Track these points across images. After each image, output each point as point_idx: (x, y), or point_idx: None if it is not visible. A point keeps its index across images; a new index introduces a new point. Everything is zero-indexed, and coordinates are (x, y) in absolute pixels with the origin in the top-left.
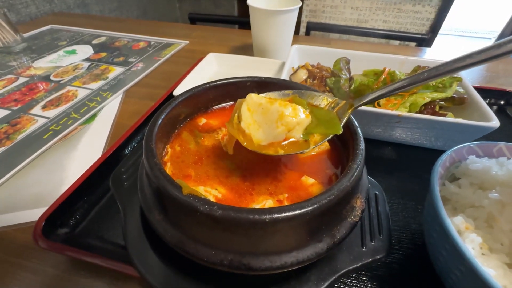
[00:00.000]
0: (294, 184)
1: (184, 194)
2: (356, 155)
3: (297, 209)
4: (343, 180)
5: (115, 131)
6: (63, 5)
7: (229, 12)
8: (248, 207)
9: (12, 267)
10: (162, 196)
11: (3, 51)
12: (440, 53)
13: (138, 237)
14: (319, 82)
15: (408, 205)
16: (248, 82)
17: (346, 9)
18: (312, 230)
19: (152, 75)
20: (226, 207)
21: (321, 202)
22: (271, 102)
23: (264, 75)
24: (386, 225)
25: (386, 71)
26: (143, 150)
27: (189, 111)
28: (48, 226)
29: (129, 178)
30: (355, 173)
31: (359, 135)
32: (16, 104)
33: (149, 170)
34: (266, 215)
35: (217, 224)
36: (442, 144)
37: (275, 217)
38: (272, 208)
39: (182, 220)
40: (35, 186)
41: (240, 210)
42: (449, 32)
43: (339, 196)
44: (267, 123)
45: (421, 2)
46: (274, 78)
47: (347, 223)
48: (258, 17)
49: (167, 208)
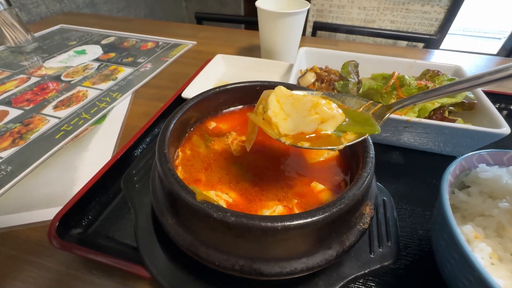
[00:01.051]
0: (303, 190)
1: (198, 200)
2: (366, 163)
3: (309, 217)
4: (353, 188)
5: (125, 132)
6: (72, 5)
7: (236, 11)
8: (258, 212)
9: (26, 264)
10: (176, 201)
11: (15, 51)
12: (449, 56)
13: (150, 239)
14: (327, 85)
15: (415, 211)
16: (257, 86)
17: (353, 9)
18: (322, 237)
19: (160, 76)
20: (239, 214)
21: (332, 210)
22: (303, 95)
23: (272, 77)
24: (394, 232)
25: (395, 75)
26: (156, 155)
27: (199, 115)
28: (62, 226)
29: (140, 180)
30: (365, 181)
31: (369, 141)
32: (28, 104)
33: (163, 175)
34: (278, 223)
35: (229, 230)
36: (451, 150)
37: (286, 224)
38: (283, 215)
39: (195, 225)
40: (47, 186)
41: (252, 217)
42: (457, 31)
43: (350, 204)
44: (297, 112)
45: (430, 2)
46: (284, 83)
47: (356, 230)
48: (266, 19)
49: (180, 213)
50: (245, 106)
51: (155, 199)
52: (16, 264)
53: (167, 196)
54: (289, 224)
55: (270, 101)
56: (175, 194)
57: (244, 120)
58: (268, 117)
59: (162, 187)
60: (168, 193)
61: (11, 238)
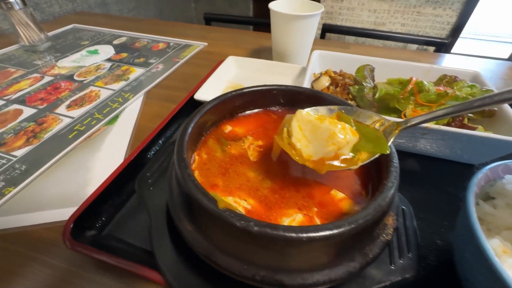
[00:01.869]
0: (323, 198)
1: (219, 208)
2: (390, 172)
3: (334, 229)
4: (378, 199)
5: (137, 133)
6: (84, 5)
7: (244, 12)
8: (278, 220)
9: (38, 264)
10: (195, 207)
11: (29, 50)
12: (461, 60)
13: (164, 243)
14: (342, 90)
15: (433, 220)
16: (274, 90)
17: (363, 12)
18: (345, 249)
19: (172, 76)
20: (262, 224)
21: (358, 222)
22: (320, 120)
23: (284, 80)
24: (414, 242)
25: (413, 81)
26: (175, 160)
27: (215, 118)
28: (76, 228)
29: (155, 182)
30: (391, 191)
31: (392, 149)
32: (42, 103)
33: (182, 181)
34: (303, 234)
35: (252, 240)
36: (469, 158)
37: (312, 236)
38: (308, 226)
39: (215, 233)
40: (61, 185)
41: (276, 227)
42: (468, 35)
43: (375, 215)
44: (317, 140)
45: (442, 5)
46: (300, 87)
47: (380, 242)
48: (279, 21)
49: (200, 220)
50: (261, 110)
51: (171, 204)
52: (28, 263)
53: (185, 202)
54: (314, 235)
55: (293, 127)
56: (195, 200)
57: (260, 124)
58: (293, 144)
59: (180, 192)
60: (187, 199)
61: (25, 238)
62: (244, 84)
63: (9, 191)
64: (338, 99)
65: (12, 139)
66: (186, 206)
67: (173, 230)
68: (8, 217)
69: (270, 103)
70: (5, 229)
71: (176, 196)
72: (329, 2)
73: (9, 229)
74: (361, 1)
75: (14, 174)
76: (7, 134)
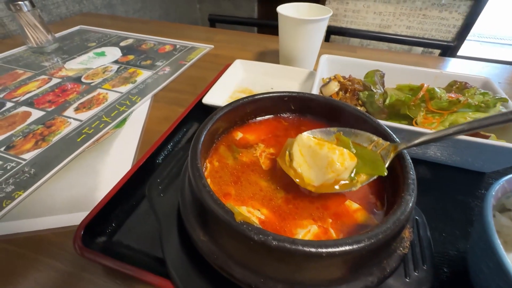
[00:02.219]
0: (338, 209)
1: (237, 221)
2: (408, 185)
3: (354, 244)
4: (397, 213)
5: (145, 136)
6: (91, 6)
7: (249, 14)
8: (293, 231)
9: (49, 270)
10: (211, 219)
11: (36, 51)
12: (470, 65)
13: (176, 251)
14: (351, 95)
15: (445, 230)
16: (285, 97)
17: (368, 14)
18: (363, 264)
19: (179, 79)
20: (281, 238)
21: (378, 236)
22: (320, 146)
23: (291, 84)
24: (428, 254)
25: (424, 87)
26: (189, 169)
27: (227, 125)
28: (87, 234)
29: (165, 189)
30: (409, 205)
31: (408, 160)
32: (50, 105)
33: (197, 191)
34: (322, 249)
35: (270, 254)
36: (480, 166)
37: (331, 251)
38: (327, 241)
39: (231, 245)
40: (70, 189)
41: (295, 242)
42: (472, 38)
43: (395, 230)
44: (317, 166)
45: (448, 8)
46: (312, 94)
47: (397, 255)
48: (287, 25)
49: (215, 231)
50: (272, 117)
51: (184, 213)
52: (38, 267)
53: (200, 213)
54: (334, 250)
55: (295, 151)
56: (211, 212)
57: (271, 131)
58: (294, 168)
59: (194, 202)
60: (202, 210)
61: (35, 242)
62: (252, 88)
63: (19, 195)
64: (351, 107)
65: (21, 142)
66: (200, 217)
67: (184, 238)
68: (18, 221)
69: (281, 110)
70: (16, 233)
71: (189, 205)
72: (334, 4)
73: (20, 234)
74: (367, 4)
75: (23, 177)
76: (16, 137)
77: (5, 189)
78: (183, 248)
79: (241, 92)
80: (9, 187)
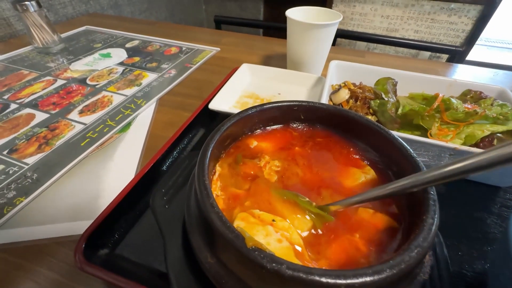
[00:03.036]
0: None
1: (248, 246)
2: (429, 207)
3: (375, 274)
4: (419, 239)
5: (150, 141)
6: (97, 6)
7: (254, 16)
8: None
9: (50, 284)
10: (219, 242)
11: (42, 51)
12: (479, 72)
13: (182, 268)
14: (362, 104)
15: (461, 248)
16: (295, 106)
17: (375, 17)
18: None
19: (184, 83)
20: (296, 267)
21: (400, 266)
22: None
23: (299, 90)
24: (446, 275)
25: (439, 97)
26: (196, 186)
27: (233, 136)
28: (89, 248)
29: (170, 200)
30: (432, 231)
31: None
32: (54, 107)
33: (205, 211)
34: (341, 280)
35: (283, 283)
36: (497, 180)
37: (350, 282)
38: (346, 271)
39: (241, 271)
40: (72, 196)
41: (311, 271)
42: (479, 42)
43: (418, 258)
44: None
45: (458, 12)
46: (324, 104)
47: (417, 282)
48: (296, 30)
49: (223, 255)
50: (279, 126)
51: (191, 231)
52: (36, 280)
53: (207, 234)
54: (353, 282)
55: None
56: (220, 235)
57: (279, 141)
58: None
59: (201, 222)
60: (209, 231)
61: (34, 252)
62: (259, 93)
63: (20, 201)
64: (364, 118)
65: (24, 145)
66: (208, 238)
67: (189, 253)
68: (18, 229)
69: (290, 119)
70: (15, 242)
71: (195, 223)
72: (341, 7)
73: (19, 243)
74: (374, 7)
75: (25, 183)
76: (19, 140)
77: (7, 195)
78: (188, 264)
79: (248, 97)
80: (10, 192)
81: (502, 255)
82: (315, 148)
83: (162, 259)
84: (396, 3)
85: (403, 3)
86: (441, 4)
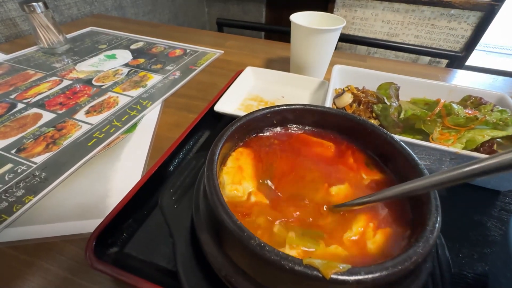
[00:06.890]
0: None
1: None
2: (432, 213)
3: (378, 271)
4: (421, 242)
5: (156, 142)
6: (102, 7)
7: (257, 19)
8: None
9: (59, 281)
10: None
11: (48, 52)
12: (478, 78)
13: (191, 267)
14: (365, 108)
15: (461, 251)
16: (297, 110)
17: (376, 22)
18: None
19: (189, 85)
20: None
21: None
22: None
23: (302, 93)
24: (448, 277)
25: (441, 103)
26: (207, 190)
27: (237, 140)
28: (99, 245)
29: (179, 200)
30: (430, 242)
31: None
32: (61, 107)
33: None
34: (350, 276)
35: (298, 281)
36: (496, 184)
37: (359, 278)
38: (355, 268)
39: (256, 271)
40: (80, 196)
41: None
42: (478, 47)
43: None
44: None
45: (458, 18)
46: (332, 109)
47: (419, 282)
48: (300, 34)
49: (236, 257)
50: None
51: (200, 229)
52: (46, 277)
53: (220, 237)
54: (362, 278)
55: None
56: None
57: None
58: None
59: (212, 224)
60: (218, 229)
61: (44, 250)
62: (263, 96)
63: (29, 200)
64: (370, 124)
65: (32, 144)
66: (220, 241)
67: (199, 252)
68: (28, 227)
69: (296, 122)
70: (26, 239)
71: (204, 222)
72: (342, 12)
73: (29, 240)
74: (375, 12)
75: (34, 181)
76: (26, 139)
77: (16, 193)
78: (198, 263)
79: (252, 100)
80: (19, 191)
81: (502, 257)
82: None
83: (170, 257)
84: (396, 8)
85: (403, 9)
86: (441, 10)
